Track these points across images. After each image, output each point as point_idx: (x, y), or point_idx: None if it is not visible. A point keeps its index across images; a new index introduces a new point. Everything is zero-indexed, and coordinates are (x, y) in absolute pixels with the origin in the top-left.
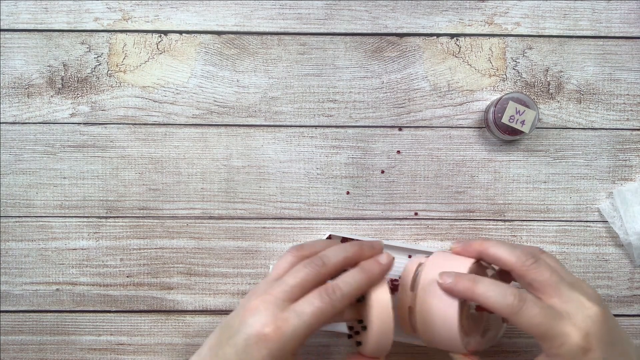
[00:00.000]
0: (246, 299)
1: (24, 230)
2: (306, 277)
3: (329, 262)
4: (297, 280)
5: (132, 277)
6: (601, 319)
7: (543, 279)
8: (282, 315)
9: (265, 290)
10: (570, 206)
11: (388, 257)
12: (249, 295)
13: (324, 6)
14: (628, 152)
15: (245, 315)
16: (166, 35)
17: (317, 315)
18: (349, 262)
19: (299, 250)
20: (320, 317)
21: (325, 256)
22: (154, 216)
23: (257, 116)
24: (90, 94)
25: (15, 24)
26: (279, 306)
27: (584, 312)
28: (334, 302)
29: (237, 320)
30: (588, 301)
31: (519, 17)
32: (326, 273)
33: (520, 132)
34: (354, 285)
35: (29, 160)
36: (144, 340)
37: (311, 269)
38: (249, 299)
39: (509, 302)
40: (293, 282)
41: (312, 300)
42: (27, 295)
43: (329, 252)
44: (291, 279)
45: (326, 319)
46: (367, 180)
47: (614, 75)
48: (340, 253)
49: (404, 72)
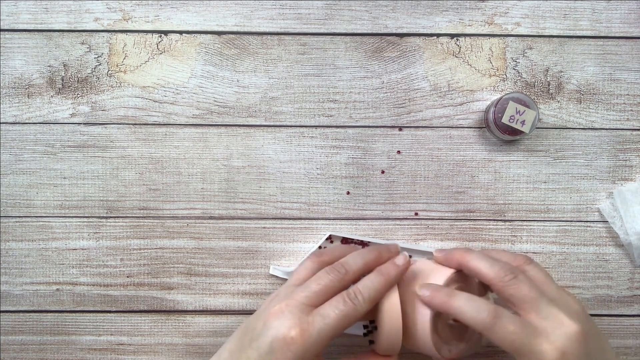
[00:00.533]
0: (268, 302)
1: (24, 230)
2: (330, 283)
3: (350, 269)
4: (321, 286)
5: (132, 277)
6: (580, 338)
7: (521, 295)
8: (307, 318)
9: (288, 295)
10: (570, 206)
11: (404, 259)
12: (271, 300)
13: (324, 6)
14: (628, 152)
15: (269, 318)
16: (166, 35)
17: (341, 318)
18: (369, 267)
19: (319, 256)
20: (344, 320)
21: (347, 263)
22: (154, 216)
23: (257, 116)
24: (91, 94)
25: (16, 24)
26: (303, 310)
27: (562, 330)
28: (356, 307)
29: (260, 324)
30: (568, 318)
31: (519, 17)
32: (348, 280)
33: (520, 132)
34: (374, 289)
35: (29, 160)
36: (144, 340)
37: (334, 276)
38: (271, 302)
39: (483, 318)
40: (317, 288)
41: (337, 305)
42: (27, 295)
43: (350, 259)
44: (314, 285)
45: (349, 322)
46: (367, 180)
47: (614, 75)
48: (360, 260)
49: (404, 72)
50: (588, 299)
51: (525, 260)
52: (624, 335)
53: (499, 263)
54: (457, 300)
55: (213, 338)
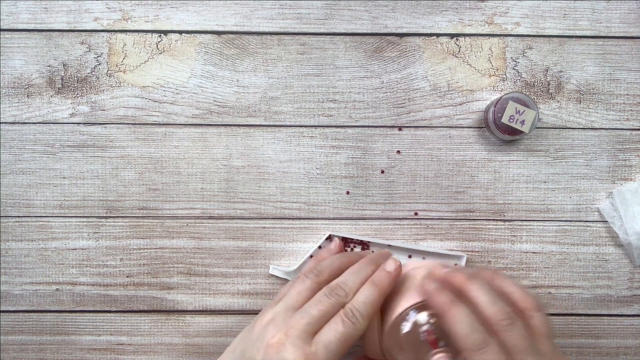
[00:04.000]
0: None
1: (24, 230)
2: (330, 308)
3: (350, 291)
4: (322, 312)
5: (132, 277)
6: None
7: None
8: (310, 349)
9: (287, 322)
10: (570, 206)
11: (395, 263)
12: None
13: (324, 6)
14: (628, 152)
15: (270, 351)
16: (166, 35)
17: (342, 341)
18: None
19: (317, 275)
20: (346, 342)
21: (346, 285)
22: (154, 216)
23: (257, 116)
24: (90, 94)
25: (15, 24)
26: (305, 340)
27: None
28: (356, 326)
29: (259, 356)
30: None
31: (519, 17)
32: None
33: (520, 132)
34: (370, 303)
35: (29, 160)
36: (144, 340)
37: (335, 300)
38: (267, 327)
39: (473, 339)
40: (317, 314)
41: (336, 328)
42: (27, 295)
43: (350, 280)
44: (315, 311)
45: (352, 342)
46: (367, 180)
47: (614, 75)
48: (359, 279)
49: (404, 72)
50: (588, 299)
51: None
52: (624, 335)
53: (500, 304)
54: (457, 310)
55: (213, 338)
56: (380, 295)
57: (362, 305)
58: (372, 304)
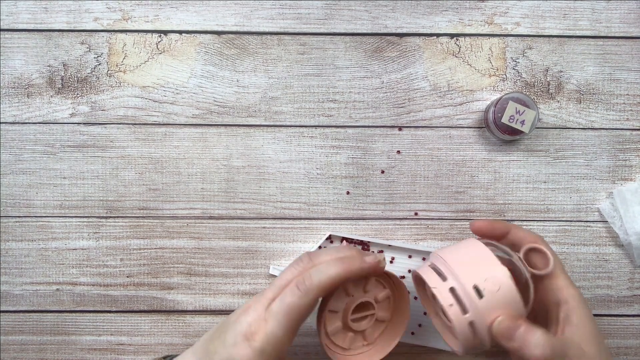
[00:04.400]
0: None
1: (24, 230)
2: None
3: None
4: (285, 280)
5: (132, 277)
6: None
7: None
8: (264, 315)
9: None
10: (570, 206)
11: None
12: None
13: (324, 6)
14: (628, 152)
15: (240, 313)
16: (166, 35)
17: (289, 312)
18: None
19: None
20: (290, 312)
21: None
22: (154, 216)
23: (257, 116)
24: (90, 94)
25: (15, 24)
26: (265, 306)
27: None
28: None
29: (233, 318)
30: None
31: (519, 17)
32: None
33: (520, 132)
34: (327, 275)
35: (29, 160)
36: (144, 340)
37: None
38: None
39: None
40: (280, 282)
41: (283, 297)
42: (27, 295)
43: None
44: (280, 279)
45: (301, 313)
46: (367, 180)
47: (614, 75)
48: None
49: (404, 72)
50: (588, 299)
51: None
52: (624, 335)
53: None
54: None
55: None
56: (342, 273)
57: (317, 274)
58: (329, 277)
